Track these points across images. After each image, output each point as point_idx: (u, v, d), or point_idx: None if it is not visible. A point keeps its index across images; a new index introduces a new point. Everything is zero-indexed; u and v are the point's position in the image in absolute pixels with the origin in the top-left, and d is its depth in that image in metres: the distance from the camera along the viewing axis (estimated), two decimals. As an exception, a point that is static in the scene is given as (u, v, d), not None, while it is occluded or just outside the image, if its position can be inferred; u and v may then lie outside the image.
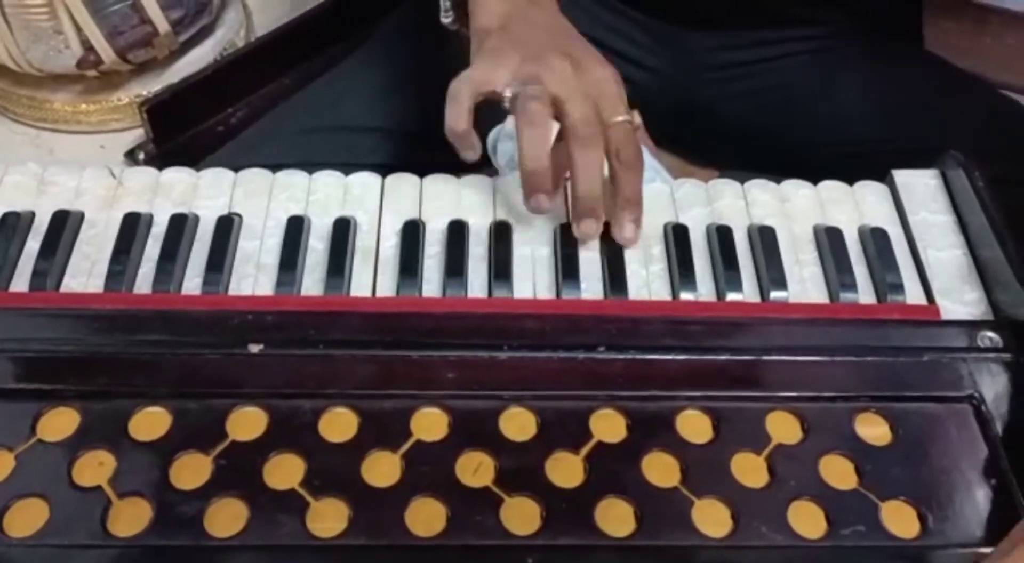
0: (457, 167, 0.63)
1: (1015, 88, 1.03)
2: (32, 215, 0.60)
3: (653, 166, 0.78)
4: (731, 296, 0.58)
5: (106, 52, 1.15)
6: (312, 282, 0.58)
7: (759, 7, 0.85)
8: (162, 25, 1.18)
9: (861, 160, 0.70)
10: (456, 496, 0.48)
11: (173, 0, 1.19)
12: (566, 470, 0.49)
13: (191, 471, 0.48)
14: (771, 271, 0.59)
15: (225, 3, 1.32)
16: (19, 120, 1.25)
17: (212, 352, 0.52)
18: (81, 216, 0.60)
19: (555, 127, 0.59)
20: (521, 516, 0.47)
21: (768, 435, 0.51)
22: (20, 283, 0.57)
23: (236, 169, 0.64)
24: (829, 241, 0.60)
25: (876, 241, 0.61)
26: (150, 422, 0.50)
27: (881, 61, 0.87)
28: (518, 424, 0.51)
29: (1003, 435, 0.51)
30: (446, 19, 0.70)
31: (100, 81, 1.23)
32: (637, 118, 0.61)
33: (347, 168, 0.65)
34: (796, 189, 0.65)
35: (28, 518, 0.46)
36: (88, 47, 1.15)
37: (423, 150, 0.63)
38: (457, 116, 0.60)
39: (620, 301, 0.57)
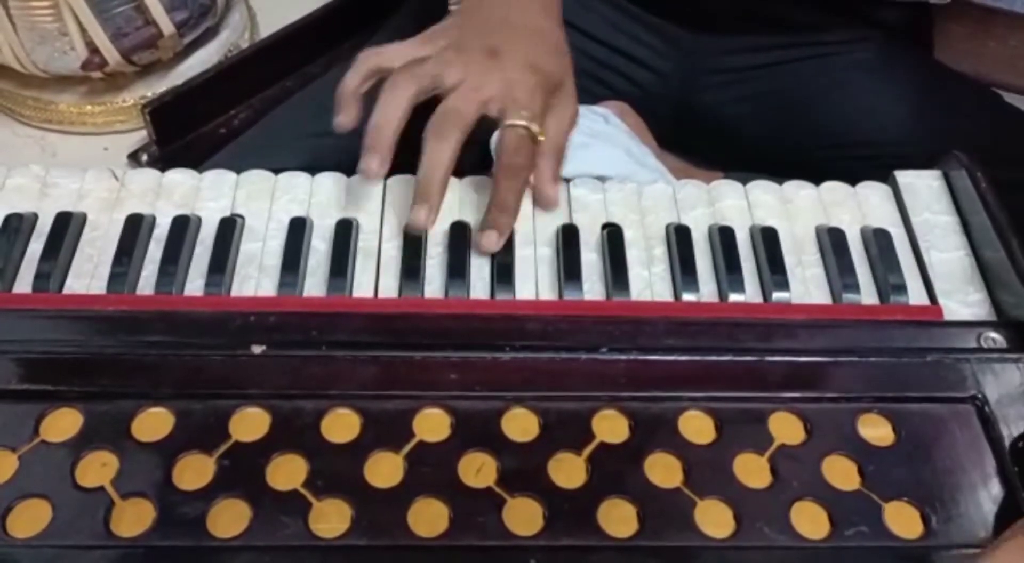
0: (459, 170, 0.63)
1: (1019, 90, 1.03)
2: (35, 217, 0.60)
3: (656, 167, 0.78)
4: (733, 297, 0.58)
5: (111, 54, 1.16)
6: (314, 283, 0.58)
7: (766, 12, 0.85)
8: (167, 27, 1.18)
9: (864, 164, 0.70)
10: (458, 497, 0.48)
11: (178, 2, 1.19)
12: (568, 471, 0.49)
13: (194, 472, 0.48)
14: (773, 272, 0.59)
15: (229, 5, 1.32)
16: (24, 122, 1.26)
17: (215, 353, 0.52)
18: (84, 218, 0.61)
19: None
20: (523, 517, 0.47)
21: (771, 436, 0.51)
22: (23, 285, 0.57)
23: (238, 171, 0.64)
24: (831, 242, 0.60)
25: (879, 242, 0.61)
26: (153, 423, 0.50)
27: (887, 66, 0.87)
28: (520, 425, 0.51)
29: (1007, 436, 0.51)
30: (453, 7, 0.71)
31: (105, 83, 1.23)
32: (536, 127, 0.60)
33: (349, 171, 0.65)
34: (798, 190, 0.65)
35: (31, 519, 0.46)
36: (93, 49, 1.15)
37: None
38: (349, 77, 0.61)
39: (622, 302, 0.57)
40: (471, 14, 0.65)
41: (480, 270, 0.59)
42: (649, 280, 0.59)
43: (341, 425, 0.50)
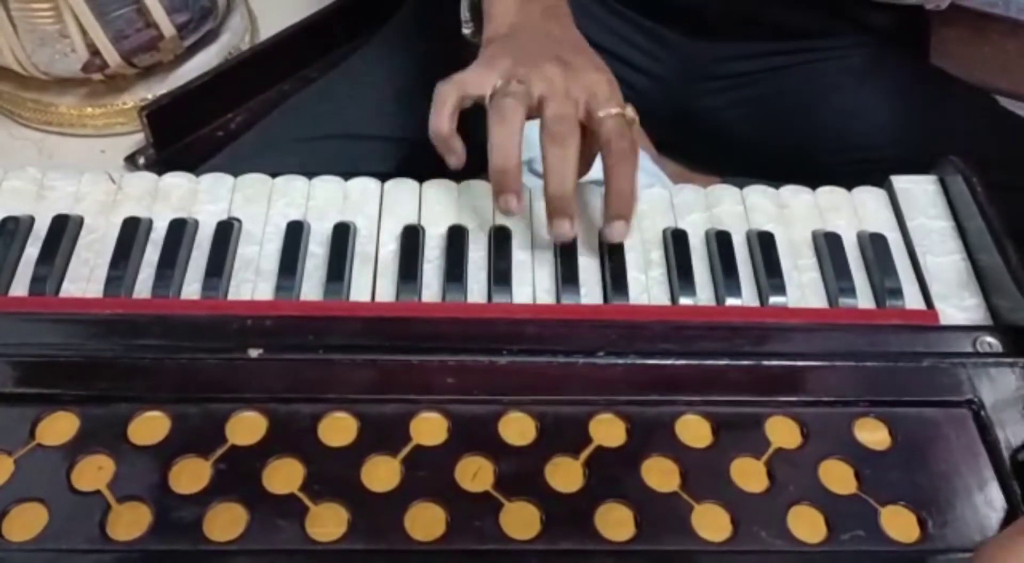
0: (457, 176, 0.63)
1: (1014, 95, 1.04)
2: (31, 220, 0.60)
3: (653, 171, 0.78)
4: (730, 301, 0.58)
5: (111, 56, 1.16)
6: (311, 287, 0.58)
7: (762, 18, 0.85)
8: (167, 29, 1.18)
9: (861, 168, 0.70)
10: (456, 501, 0.48)
11: (178, 4, 1.19)
12: (566, 475, 0.49)
13: (190, 475, 0.48)
14: (770, 276, 0.59)
15: (230, 8, 1.32)
16: (23, 123, 1.26)
17: (211, 357, 0.52)
18: (80, 221, 0.60)
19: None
20: (521, 521, 0.47)
21: (768, 440, 0.51)
22: (19, 288, 0.57)
23: (236, 174, 0.64)
24: (828, 246, 0.60)
25: (875, 246, 0.61)
26: (149, 426, 0.50)
27: (883, 71, 0.87)
28: (518, 429, 0.51)
29: (1002, 440, 0.51)
30: (467, 30, 0.71)
31: (105, 85, 1.23)
32: (631, 112, 0.61)
33: (346, 175, 0.65)
34: (795, 195, 0.65)
35: (27, 522, 0.46)
36: (94, 51, 1.15)
37: (423, 159, 0.63)
38: (440, 118, 0.60)
39: (619, 306, 0.57)
40: (516, 36, 0.64)
41: (477, 274, 0.59)
42: (646, 284, 0.59)
43: (338, 429, 0.50)
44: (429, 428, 0.50)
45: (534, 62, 0.61)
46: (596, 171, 0.70)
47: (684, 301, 0.58)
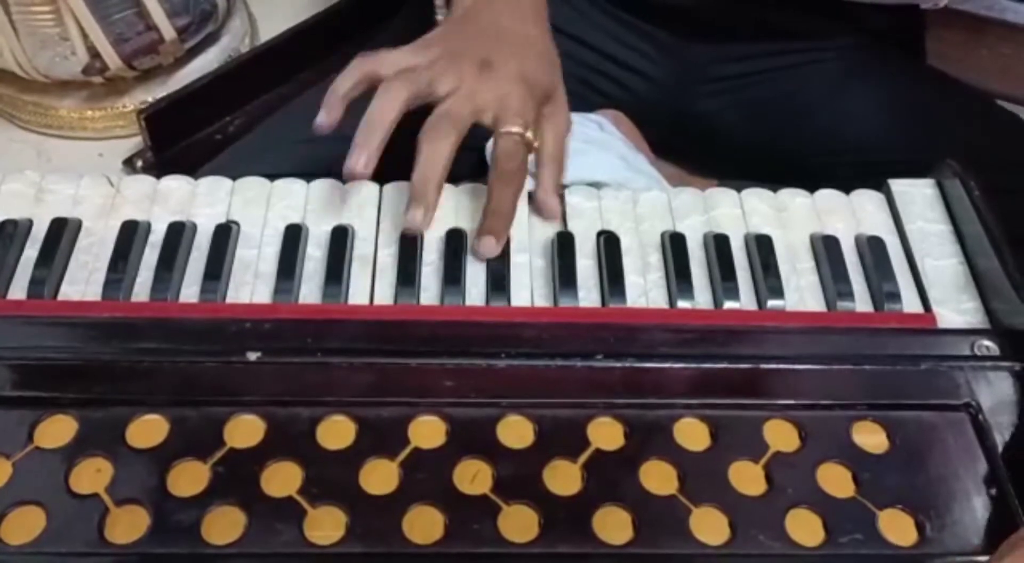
0: (455, 177, 0.63)
1: (1011, 98, 1.04)
2: (30, 223, 0.60)
3: (651, 174, 0.78)
4: (728, 304, 0.58)
5: (112, 59, 1.16)
6: (310, 290, 0.58)
7: (759, 20, 0.86)
8: (168, 32, 1.18)
9: (859, 171, 0.70)
10: (454, 504, 0.48)
11: (179, 7, 1.19)
12: (564, 478, 0.49)
13: (189, 479, 0.48)
14: (768, 280, 0.59)
15: (231, 11, 1.32)
16: (24, 126, 1.26)
17: (210, 360, 0.52)
18: (79, 224, 0.60)
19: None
20: (519, 524, 0.47)
21: (766, 443, 0.51)
22: (18, 291, 0.57)
23: (234, 177, 0.64)
24: (826, 250, 0.60)
25: (873, 250, 0.61)
26: (148, 429, 0.50)
27: (880, 73, 0.87)
28: (516, 432, 0.51)
29: (1000, 444, 0.51)
30: (440, 16, 0.71)
31: (105, 88, 1.23)
32: (530, 135, 0.61)
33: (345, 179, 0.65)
34: (793, 198, 0.65)
35: (25, 525, 0.46)
36: (94, 54, 1.16)
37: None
38: (340, 80, 0.61)
39: (618, 309, 0.57)
40: (463, 23, 0.66)
41: (476, 277, 0.59)
42: (644, 287, 0.59)
43: (336, 432, 0.50)
44: (427, 431, 0.50)
45: (459, 58, 0.61)
46: (591, 172, 0.71)
47: (682, 304, 0.58)
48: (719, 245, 0.60)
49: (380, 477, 0.49)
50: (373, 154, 0.58)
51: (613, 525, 0.47)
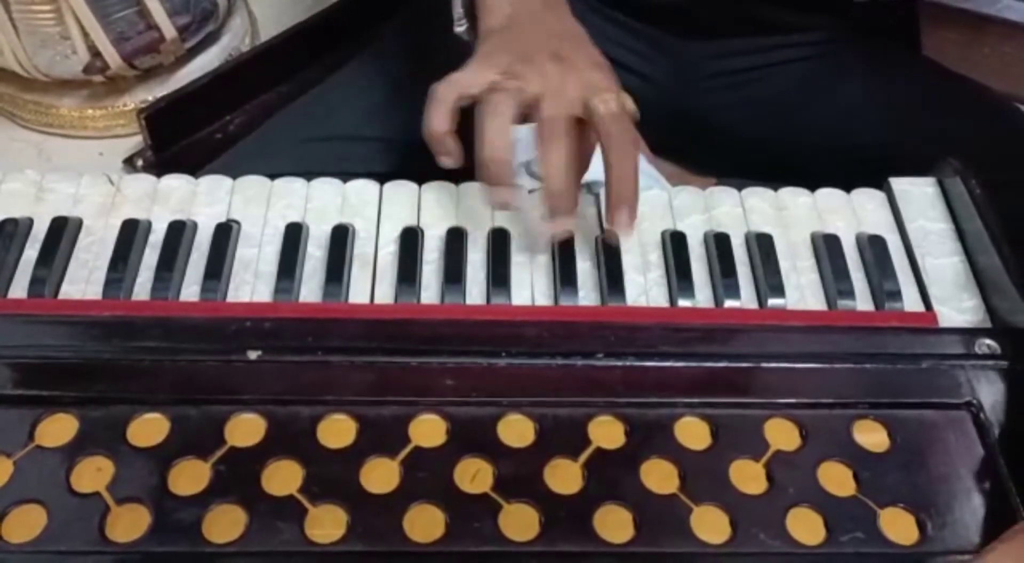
0: (456, 177, 0.63)
1: (1012, 97, 1.04)
2: (30, 222, 0.60)
3: (651, 174, 0.78)
4: (729, 303, 0.58)
5: (112, 58, 1.16)
6: (310, 289, 0.58)
7: (754, 15, 0.85)
8: (168, 31, 1.18)
9: (859, 167, 0.70)
10: (455, 503, 0.48)
11: (179, 6, 1.19)
12: (565, 477, 0.49)
13: (189, 477, 0.48)
14: (769, 278, 0.59)
15: (231, 10, 1.32)
16: (24, 125, 1.26)
17: (210, 358, 0.52)
18: (79, 223, 0.61)
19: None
20: (520, 523, 0.47)
21: (766, 442, 0.51)
22: (18, 290, 0.57)
23: (234, 177, 0.64)
24: (827, 248, 0.60)
25: (874, 248, 0.61)
26: (148, 428, 0.50)
27: (878, 68, 0.87)
28: (517, 431, 0.51)
29: (1001, 442, 0.51)
30: (459, 28, 0.71)
31: (106, 87, 1.23)
32: (630, 104, 0.60)
33: (345, 177, 0.65)
34: (794, 197, 0.65)
35: (26, 524, 0.46)
36: (95, 53, 1.15)
37: (421, 161, 0.63)
38: (435, 117, 0.59)
39: (618, 308, 0.57)
40: (513, 29, 0.64)
41: (476, 276, 0.59)
42: (645, 286, 0.59)
43: (337, 431, 0.50)
44: (428, 430, 0.50)
45: (531, 58, 0.60)
46: (591, 172, 0.70)
47: (683, 303, 0.58)
48: (720, 244, 0.60)
49: (381, 476, 0.49)
50: (512, 185, 0.58)
51: (614, 524, 0.47)
